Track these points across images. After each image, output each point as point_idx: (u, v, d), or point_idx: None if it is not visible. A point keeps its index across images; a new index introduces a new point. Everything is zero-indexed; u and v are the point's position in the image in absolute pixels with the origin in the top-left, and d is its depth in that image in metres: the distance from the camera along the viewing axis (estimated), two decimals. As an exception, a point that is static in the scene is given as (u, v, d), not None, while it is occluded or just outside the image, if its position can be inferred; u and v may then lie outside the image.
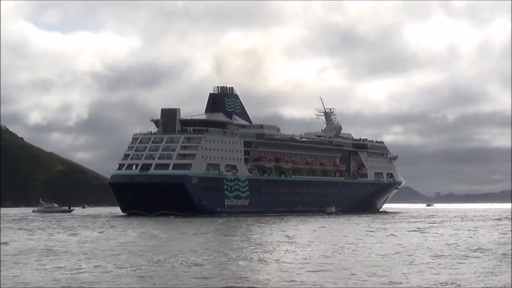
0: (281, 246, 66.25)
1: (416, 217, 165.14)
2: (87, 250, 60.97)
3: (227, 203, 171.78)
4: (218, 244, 69.69)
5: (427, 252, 59.87)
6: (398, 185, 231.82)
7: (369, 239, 78.01)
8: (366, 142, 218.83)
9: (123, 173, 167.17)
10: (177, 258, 53.03)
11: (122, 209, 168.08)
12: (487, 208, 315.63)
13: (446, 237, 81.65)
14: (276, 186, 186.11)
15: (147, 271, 45.56)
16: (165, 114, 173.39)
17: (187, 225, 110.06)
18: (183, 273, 44.48)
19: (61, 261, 51.97)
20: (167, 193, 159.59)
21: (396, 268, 47.78)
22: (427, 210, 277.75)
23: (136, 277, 42.66)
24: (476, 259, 54.57)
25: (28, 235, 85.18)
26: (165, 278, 42.03)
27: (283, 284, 40.08)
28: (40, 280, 41.28)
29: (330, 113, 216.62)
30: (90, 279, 41.61)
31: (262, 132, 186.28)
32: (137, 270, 45.96)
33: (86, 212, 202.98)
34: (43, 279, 41.80)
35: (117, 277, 42.54)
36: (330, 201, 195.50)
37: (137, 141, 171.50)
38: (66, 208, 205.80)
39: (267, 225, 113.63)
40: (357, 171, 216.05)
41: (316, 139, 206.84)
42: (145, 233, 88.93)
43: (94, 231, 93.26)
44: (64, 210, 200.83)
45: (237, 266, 48.76)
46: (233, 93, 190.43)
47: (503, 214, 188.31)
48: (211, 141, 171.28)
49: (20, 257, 54.57)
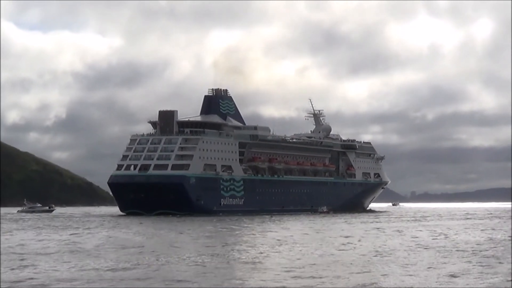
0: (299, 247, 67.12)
1: (409, 216, 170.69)
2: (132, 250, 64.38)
3: (223, 202, 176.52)
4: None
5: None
6: (384, 185, 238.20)
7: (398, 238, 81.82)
8: (354, 143, 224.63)
9: (122, 173, 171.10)
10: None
11: (121, 208, 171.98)
12: (461, 207, 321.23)
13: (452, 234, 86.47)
14: (269, 186, 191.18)
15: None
16: (163, 115, 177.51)
17: (199, 225, 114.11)
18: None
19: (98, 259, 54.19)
20: (166, 193, 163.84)
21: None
22: (394, 209, 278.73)
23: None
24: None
25: (35, 235, 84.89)
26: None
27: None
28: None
29: (319, 115, 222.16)
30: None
31: (256, 133, 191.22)
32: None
33: (68, 212, 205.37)
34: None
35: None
36: (321, 200, 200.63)
37: (135, 142, 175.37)
38: (47, 208, 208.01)
39: (276, 224, 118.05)
40: (346, 171, 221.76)
41: (307, 140, 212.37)
42: (159, 233, 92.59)
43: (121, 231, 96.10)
44: (45, 210, 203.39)
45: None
46: (227, 95, 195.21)
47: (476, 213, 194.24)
48: (207, 142, 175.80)
49: (59, 256, 56.07)
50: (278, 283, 40.54)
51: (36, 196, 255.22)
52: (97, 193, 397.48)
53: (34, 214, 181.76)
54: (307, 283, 40.70)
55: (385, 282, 41.10)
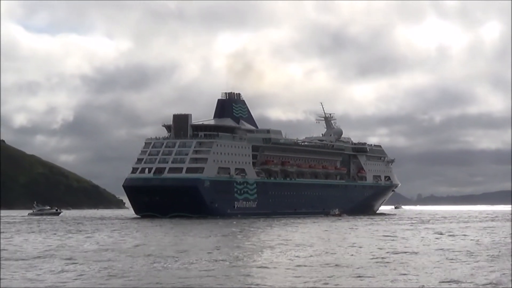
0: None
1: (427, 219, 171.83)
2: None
3: (236, 205, 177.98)
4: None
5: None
6: (395, 188, 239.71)
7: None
8: (365, 146, 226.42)
9: (137, 176, 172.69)
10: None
11: (136, 211, 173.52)
12: (468, 210, 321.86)
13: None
14: (282, 189, 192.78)
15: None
16: (177, 119, 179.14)
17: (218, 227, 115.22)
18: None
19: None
20: (181, 196, 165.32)
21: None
22: (402, 212, 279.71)
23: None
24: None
25: (65, 238, 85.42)
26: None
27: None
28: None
29: (330, 118, 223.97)
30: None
31: (269, 136, 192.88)
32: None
33: (75, 215, 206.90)
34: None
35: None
36: (332, 203, 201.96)
37: (150, 146, 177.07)
38: (54, 211, 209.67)
39: (296, 227, 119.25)
40: (357, 174, 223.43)
41: (319, 143, 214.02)
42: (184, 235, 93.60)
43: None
44: (52, 213, 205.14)
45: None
46: (240, 98, 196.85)
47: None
48: (221, 146, 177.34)
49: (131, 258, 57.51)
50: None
51: (41, 199, 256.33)
52: (102, 196, 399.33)
53: (47, 217, 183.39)
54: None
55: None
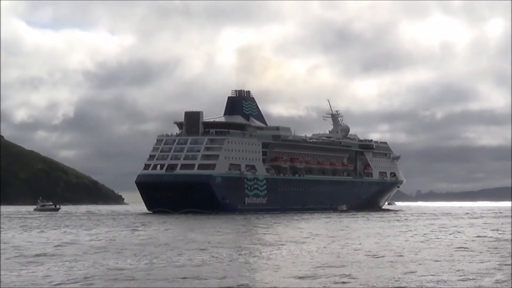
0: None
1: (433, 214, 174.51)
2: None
3: (247, 201, 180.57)
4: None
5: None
6: (400, 184, 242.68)
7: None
8: (371, 143, 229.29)
9: (149, 173, 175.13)
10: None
11: (148, 207, 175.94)
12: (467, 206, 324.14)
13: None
14: (291, 185, 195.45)
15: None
16: (189, 116, 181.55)
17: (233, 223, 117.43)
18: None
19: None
20: (192, 192, 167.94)
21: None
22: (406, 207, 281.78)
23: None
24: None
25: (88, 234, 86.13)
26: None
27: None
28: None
29: (337, 115, 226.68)
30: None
31: (278, 133, 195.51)
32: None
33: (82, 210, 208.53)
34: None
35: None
36: (339, 199, 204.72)
37: (162, 143, 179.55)
38: (53, 206, 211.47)
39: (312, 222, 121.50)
40: (363, 170, 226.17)
41: (327, 140, 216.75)
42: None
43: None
44: (52, 209, 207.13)
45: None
46: (250, 96, 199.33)
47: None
48: (232, 143, 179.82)
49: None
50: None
51: (41, 195, 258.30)
52: (102, 192, 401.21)
53: (52, 213, 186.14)
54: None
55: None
